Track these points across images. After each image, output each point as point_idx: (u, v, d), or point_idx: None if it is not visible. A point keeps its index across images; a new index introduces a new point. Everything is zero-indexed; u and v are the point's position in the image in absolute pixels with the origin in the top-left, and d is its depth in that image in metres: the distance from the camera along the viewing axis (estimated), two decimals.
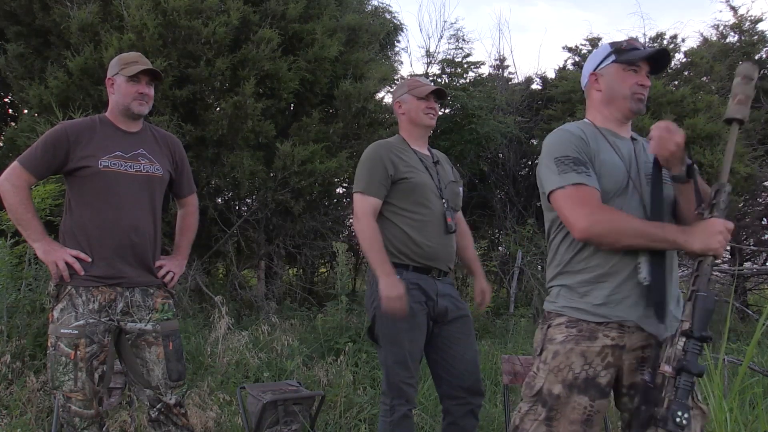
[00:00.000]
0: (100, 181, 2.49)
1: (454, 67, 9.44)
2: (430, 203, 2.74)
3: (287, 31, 7.02)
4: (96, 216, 2.50)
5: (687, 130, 8.67)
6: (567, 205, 1.90)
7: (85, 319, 2.42)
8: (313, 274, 9.22)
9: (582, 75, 2.22)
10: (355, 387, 4.23)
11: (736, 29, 11.13)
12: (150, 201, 2.61)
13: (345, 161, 7.10)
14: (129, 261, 2.53)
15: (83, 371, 2.40)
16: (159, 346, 2.54)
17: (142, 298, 2.55)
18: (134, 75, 2.56)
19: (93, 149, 2.51)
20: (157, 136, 2.74)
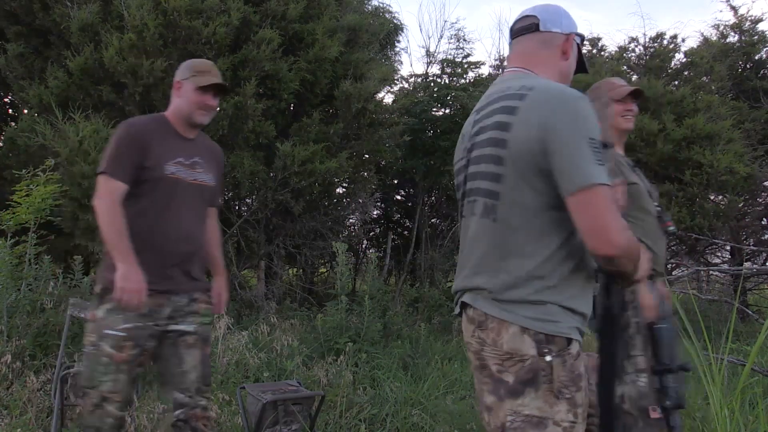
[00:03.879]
0: (162, 187, 2.46)
1: (454, 67, 9.45)
2: (650, 208, 2.63)
3: (287, 32, 7.02)
4: (154, 222, 2.46)
5: (687, 130, 8.68)
6: (609, 210, 1.46)
7: (134, 323, 2.38)
8: (313, 274, 9.22)
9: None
10: (355, 387, 4.23)
11: (736, 29, 11.13)
12: (202, 210, 2.62)
13: (345, 161, 7.09)
14: (181, 268, 2.51)
15: (124, 373, 2.37)
16: (198, 349, 2.53)
17: (187, 303, 2.54)
18: (205, 87, 2.54)
19: (159, 153, 2.47)
20: (207, 145, 2.72)
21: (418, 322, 6.42)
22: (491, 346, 1.58)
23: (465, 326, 1.69)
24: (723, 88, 10.22)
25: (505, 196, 1.57)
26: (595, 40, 11.32)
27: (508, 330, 1.55)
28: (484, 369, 1.60)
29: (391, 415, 3.82)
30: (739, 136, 8.96)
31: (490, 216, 1.61)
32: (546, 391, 1.53)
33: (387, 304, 6.31)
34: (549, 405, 1.52)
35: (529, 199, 1.55)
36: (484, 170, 1.63)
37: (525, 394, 1.53)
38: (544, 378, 1.53)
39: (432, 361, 5.24)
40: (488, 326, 1.58)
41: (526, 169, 1.53)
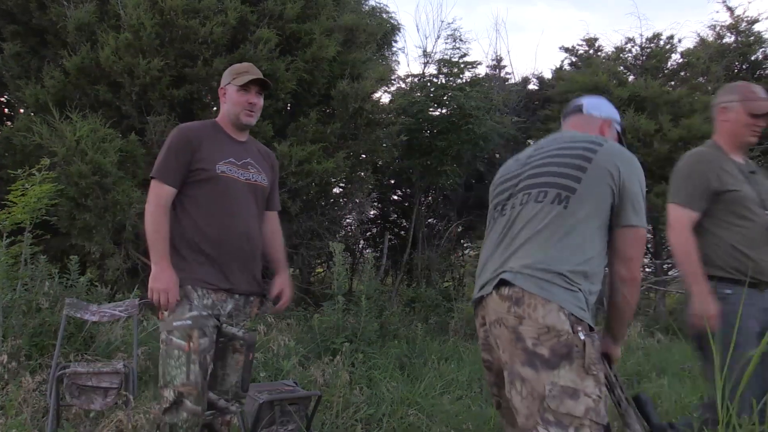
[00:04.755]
0: (215, 186, 2.51)
1: (450, 67, 9.45)
2: (754, 215, 2.62)
3: (285, 31, 7.01)
4: (211, 221, 2.50)
5: (683, 131, 8.71)
6: (640, 248, 1.95)
7: (199, 312, 2.42)
8: (310, 274, 9.22)
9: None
10: (352, 387, 4.23)
11: (732, 30, 11.15)
12: (258, 210, 2.66)
13: (342, 161, 7.09)
14: (240, 268, 2.55)
15: (196, 364, 2.37)
16: (242, 354, 2.56)
17: (244, 304, 2.59)
18: (244, 84, 2.59)
19: (210, 153, 2.53)
20: (260, 148, 2.79)
21: (415, 322, 6.42)
22: (530, 320, 1.76)
23: (496, 304, 1.86)
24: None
25: (580, 195, 1.90)
26: (592, 40, 11.35)
27: (545, 307, 1.76)
28: (519, 342, 1.77)
29: (387, 415, 3.82)
30: None
31: (562, 204, 1.91)
32: (578, 366, 1.72)
33: (384, 304, 6.32)
34: (581, 378, 1.71)
35: (593, 208, 1.89)
36: (565, 172, 1.95)
37: (561, 366, 1.71)
38: (577, 354, 1.73)
39: (428, 361, 5.24)
40: (525, 302, 1.78)
41: (599, 189, 1.91)
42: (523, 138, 10.68)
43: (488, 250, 2.05)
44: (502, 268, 1.90)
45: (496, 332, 1.85)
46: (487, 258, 2.03)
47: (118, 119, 6.35)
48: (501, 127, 9.36)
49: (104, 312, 3.74)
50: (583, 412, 1.70)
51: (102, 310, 3.75)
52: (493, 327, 1.87)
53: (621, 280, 1.93)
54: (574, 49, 11.40)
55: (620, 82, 9.93)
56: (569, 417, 1.69)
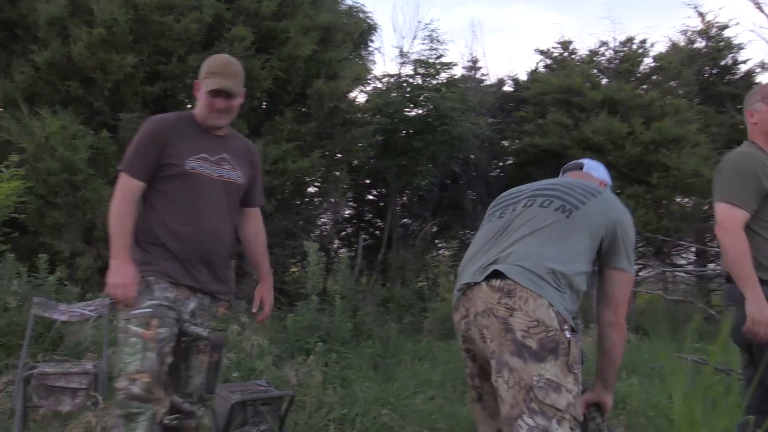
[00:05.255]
0: (184, 183, 2.42)
1: (427, 67, 9.47)
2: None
3: (261, 29, 6.97)
4: (179, 218, 2.41)
5: (655, 133, 8.84)
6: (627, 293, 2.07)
7: (160, 301, 2.33)
8: (284, 274, 9.18)
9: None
10: (325, 387, 4.22)
11: (703, 35, 11.34)
12: (229, 208, 2.54)
13: (317, 161, 7.08)
14: (206, 266, 2.46)
15: (153, 351, 2.27)
16: (206, 355, 2.45)
17: (209, 304, 2.50)
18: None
19: (181, 148, 2.42)
20: (239, 142, 2.66)
21: (389, 321, 6.42)
22: (521, 312, 1.81)
23: (486, 295, 1.89)
24: (690, 92, 10.42)
25: (583, 213, 1.98)
26: (566, 43, 11.43)
27: (536, 301, 1.81)
28: (509, 333, 1.81)
29: (360, 415, 3.82)
30: (705, 140, 9.15)
31: (566, 213, 1.98)
32: (563, 363, 1.78)
33: (358, 303, 6.31)
34: (563, 374, 1.77)
35: (590, 231, 1.97)
36: (572, 194, 2.05)
37: (547, 360, 1.77)
38: (563, 351, 1.79)
39: (402, 360, 5.25)
40: (517, 294, 1.82)
41: (598, 220, 1.99)
42: (498, 139, 10.75)
43: (479, 243, 2.08)
44: (496, 260, 1.93)
45: (485, 322, 1.87)
46: (477, 251, 2.06)
47: (90, 116, 6.26)
48: (476, 128, 9.40)
49: (74, 311, 3.69)
50: (564, 406, 1.75)
51: (71, 309, 3.70)
52: (481, 317, 1.89)
53: (609, 325, 2.02)
54: (548, 52, 11.49)
55: (594, 85, 10.03)
56: (553, 409, 1.74)
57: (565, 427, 1.75)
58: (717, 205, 2.54)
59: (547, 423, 1.73)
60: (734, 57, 11.18)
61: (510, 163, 11.12)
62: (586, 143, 9.02)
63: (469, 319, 1.94)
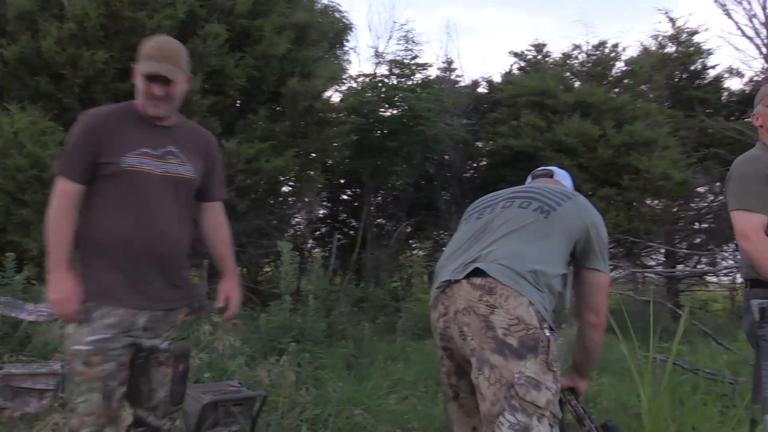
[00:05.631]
0: (122, 182, 2.15)
1: (402, 68, 9.49)
2: None
3: (235, 27, 6.92)
4: (118, 221, 2.16)
5: (626, 136, 8.96)
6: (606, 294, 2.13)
7: (101, 335, 2.10)
8: (258, 274, 9.12)
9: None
10: (298, 387, 4.20)
11: (674, 40, 11.55)
12: (178, 206, 2.26)
13: (291, 160, 7.04)
14: (157, 273, 2.20)
15: (97, 392, 2.09)
16: (168, 367, 2.25)
17: (163, 315, 2.23)
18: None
19: (117, 143, 2.16)
20: (192, 132, 2.38)
21: (363, 321, 6.43)
22: (502, 309, 1.82)
23: (467, 292, 1.90)
24: (661, 96, 10.59)
25: (560, 214, 2.03)
26: (540, 46, 11.56)
27: (517, 299, 1.83)
28: (489, 330, 1.82)
29: (333, 415, 3.81)
30: (674, 144, 9.31)
31: (544, 214, 2.02)
32: (542, 361, 1.80)
33: (331, 303, 6.31)
34: (543, 372, 1.79)
35: (566, 232, 2.01)
36: (549, 195, 2.10)
37: (527, 358, 1.78)
38: (543, 349, 1.81)
39: (376, 360, 5.25)
40: (498, 292, 1.84)
41: (573, 221, 2.04)
42: (473, 140, 10.82)
43: (458, 243, 2.10)
44: (476, 258, 1.94)
45: (466, 320, 1.88)
46: (456, 249, 2.07)
47: (60, 112, 6.16)
48: (451, 129, 9.45)
49: (41, 311, 3.63)
50: (544, 403, 1.77)
51: (39, 309, 3.64)
52: (462, 315, 1.89)
53: (591, 326, 2.09)
54: (523, 54, 11.60)
55: (567, 87, 10.15)
56: (533, 406, 1.76)
57: (544, 424, 1.77)
58: (733, 215, 2.50)
59: (528, 420, 1.75)
60: (703, 62, 11.41)
61: (484, 165, 11.21)
62: (559, 145, 9.12)
63: (449, 317, 1.95)
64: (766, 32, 10.63)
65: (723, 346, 5.61)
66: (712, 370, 4.31)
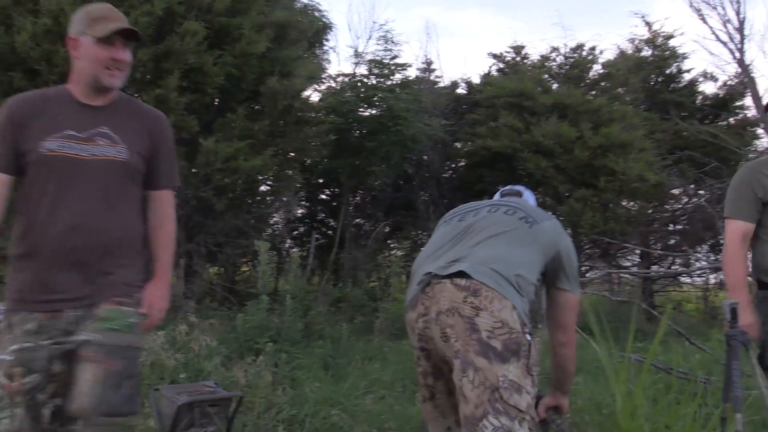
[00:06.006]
0: (44, 170, 1.97)
1: (381, 68, 9.50)
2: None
3: (214, 25, 6.86)
4: (36, 214, 1.97)
5: (602, 138, 9.06)
6: (576, 313, 2.17)
7: (21, 344, 1.91)
8: (235, 273, 9.07)
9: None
10: (274, 387, 4.18)
11: (650, 44, 11.69)
12: (106, 193, 2.02)
13: (270, 159, 7.01)
14: (75, 270, 1.98)
15: (20, 407, 1.90)
16: (98, 364, 1.90)
17: (85, 312, 1.98)
18: (107, 36, 2.01)
19: (38, 128, 1.99)
20: (133, 110, 2.15)
21: (340, 321, 6.42)
22: (487, 312, 1.82)
23: (451, 293, 1.89)
24: (637, 99, 10.71)
25: (541, 228, 2.08)
26: (519, 47, 11.62)
27: (501, 302, 1.84)
28: (474, 332, 1.82)
29: (310, 416, 3.80)
30: (650, 146, 9.43)
31: (528, 224, 2.07)
32: (523, 365, 1.81)
33: (309, 303, 6.29)
34: (524, 376, 1.81)
35: (543, 247, 2.04)
36: (530, 209, 2.16)
37: (510, 362, 1.79)
38: (524, 353, 1.82)
39: (353, 360, 5.25)
40: (483, 294, 1.84)
41: (549, 237, 2.08)
42: (451, 141, 10.85)
43: (439, 243, 2.10)
44: (460, 257, 1.95)
45: (449, 321, 1.86)
46: (436, 249, 2.07)
47: None
48: (430, 130, 9.47)
49: None
50: (525, 407, 1.79)
51: None
52: (445, 316, 1.88)
53: (561, 344, 2.14)
54: (501, 56, 11.65)
55: (545, 89, 10.22)
56: (515, 410, 1.77)
57: (525, 428, 1.78)
58: (725, 220, 2.65)
59: (511, 423, 1.76)
60: (679, 66, 11.56)
61: (462, 165, 11.24)
62: (537, 146, 9.18)
63: (429, 318, 1.93)
64: (739, 37, 10.80)
65: (696, 346, 5.69)
66: (686, 370, 4.37)
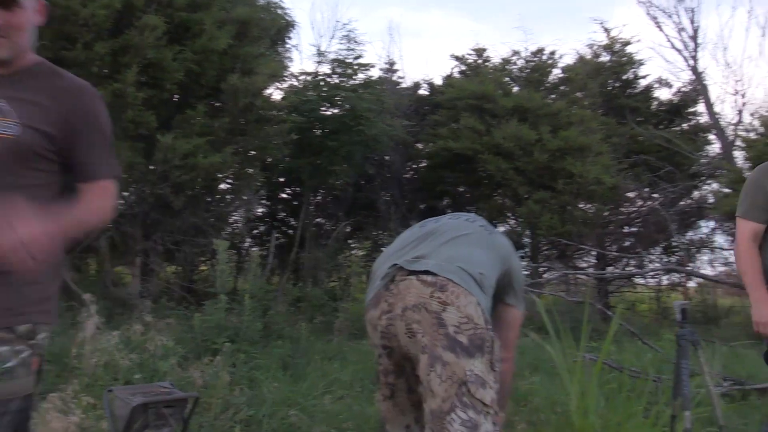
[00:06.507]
0: None
1: (344, 67, 9.48)
2: None
3: (174, 19, 6.76)
4: None
5: (561, 141, 9.22)
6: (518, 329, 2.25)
7: None
8: (193, 272, 8.95)
9: None
10: (232, 388, 4.13)
11: (608, 50, 11.94)
12: (6, 177, 1.53)
13: (230, 157, 6.94)
14: None
15: None
16: None
17: None
18: None
19: None
20: (47, 81, 1.69)
21: (300, 321, 6.38)
22: (454, 307, 1.85)
23: (418, 289, 1.91)
24: (594, 103, 10.93)
25: (498, 238, 2.21)
26: (481, 50, 11.74)
27: (467, 298, 1.87)
28: (441, 327, 1.83)
29: (268, 416, 3.77)
30: (606, 150, 9.63)
31: (487, 231, 2.19)
32: (487, 360, 1.84)
33: (268, 303, 6.23)
34: (488, 371, 1.84)
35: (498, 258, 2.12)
36: (489, 224, 2.24)
37: (476, 357, 1.82)
38: (488, 348, 1.85)
39: (312, 360, 5.22)
40: (449, 289, 1.87)
41: (503, 252, 2.16)
42: (413, 142, 10.90)
43: (403, 242, 2.15)
44: (425, 255, 1.99)
45: (416, 317, 1.87)
46: (400, 248, 2.11)
47: None
48: (391, 130, 9.49)
49: None
50: (490, 401, 1.81)
51: None
52: (412, 311, 1.89)
53: (503, 361, 2.09)
54: (463, 58, 11.75)
55: (505, 92, 10.35)
56: (481, 404, 1.79)
57: (489, 422, 1.80)
58: (736, 219, 2.67)
59: (478, 417, 1.78)
60: (635, 72, 11.84)
61: (423, 166, 11.30)
62: (497, 149, 9.29)
63: (394, 314, 1.93)
64: (693, 45, 11.12)
65: (648, 346, 5.82)
66: (638, 369, 4.46)
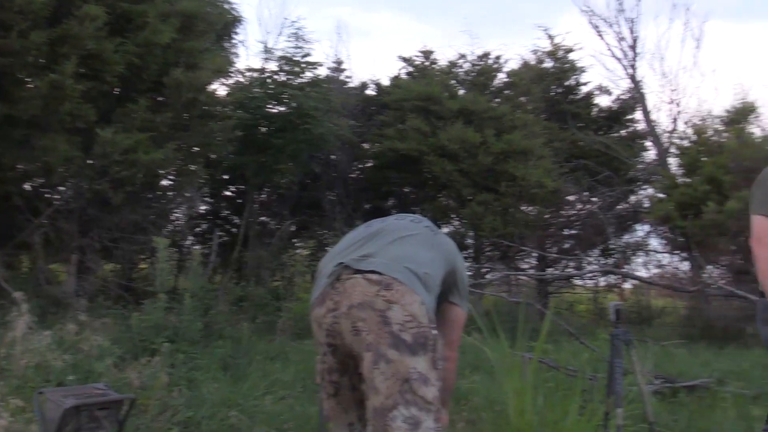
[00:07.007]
0: None
1: (292, 65, 9.40)
2: None
3: (115, 10, 6.56)
4: None
5: (505, 145, 9.39)
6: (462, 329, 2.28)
7: None
8: (132, 270, 8.73)
9: None
10: (170, 389, 4.05)
11: (551, 56, 12.22)
12: None
13: (172, 153, 6.79)
14: None
15: None
16: None
17: None
18: None
19: None
20: None
21: (242, 321, 6.30)
22: (399, 305, 1.87)
23: (363, 287, 1.92)
24: (537, 108, 11.17)
25: (443, 238, 2.26)
26: (428, 52, 11.83)
27: (411, 296, 1.90)
28: (386, 325, 1.86)
29: (207, 418, 3.71)
30: (548, 154, 9.86)
31: (432, 232, 2.23)
32: (430, 358, 1.87)
33: (210, 302, 6.13)
34: (430, 369, 1.86)
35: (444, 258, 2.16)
36: (434, 225, 2.29)
37: (419, 355, 1.84)
38: (431, 346, 1.88)
39: (254, 361, 5.17)
40: (394, 288, 1.89)
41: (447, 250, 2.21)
42: (359, 142, 10.90)
43: (347, 243, 2.16)
44: (371, 254, 2.01)
45: (362, 315, 1.89)
46: (345, 248, 2.12)
47: None
48: (338, 130, 9.47)
49: None
50: (432, 399, 1.84)
51: None
52: (357, 309, 1.90)
53: (447, 360, 2.14)
54: (411, 60, 11.82)
55: (451, 94, 10.47)
56: (423, 401, 1.82)
57: (431, 418, 1.83)
58: (753, 218, 2.55)
59: (420, 414, 1.81)
60: (577, 78, 12.16)
61: (370, 166, 11.32)
62: (442, 150, 9.39)
63: (339, 312, 1.94)
64: (632, 54, 11.50)
65: (585, 345, 5.98)
66: (574, 367, 4.58)
